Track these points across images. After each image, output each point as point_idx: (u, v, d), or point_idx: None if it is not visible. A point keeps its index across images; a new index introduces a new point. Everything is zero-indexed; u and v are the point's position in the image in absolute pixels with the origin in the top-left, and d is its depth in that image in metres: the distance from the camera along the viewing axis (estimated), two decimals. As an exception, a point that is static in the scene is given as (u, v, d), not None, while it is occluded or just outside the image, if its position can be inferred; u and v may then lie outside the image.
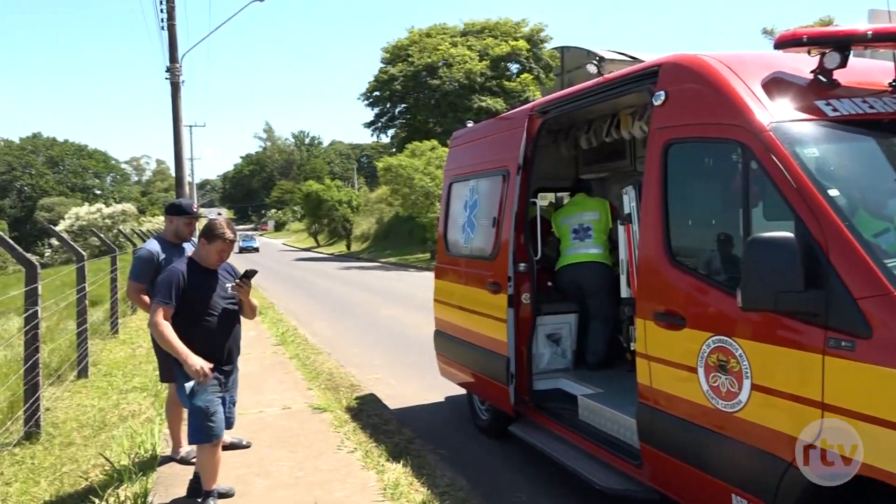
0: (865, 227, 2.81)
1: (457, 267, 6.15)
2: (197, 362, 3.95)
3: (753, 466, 2.98)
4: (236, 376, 4.39)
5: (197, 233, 4.85)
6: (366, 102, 42.77)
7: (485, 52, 38.93)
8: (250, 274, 4.23)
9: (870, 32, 3.21)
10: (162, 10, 17.89)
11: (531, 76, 38.48)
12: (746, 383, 3.01)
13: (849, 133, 3.18)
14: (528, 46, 39.26)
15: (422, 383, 7.78)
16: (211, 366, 4.01)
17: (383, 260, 34.96)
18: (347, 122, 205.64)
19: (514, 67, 40.02)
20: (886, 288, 2.54)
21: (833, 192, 2.86)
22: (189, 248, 5.07)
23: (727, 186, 3.40)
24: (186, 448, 5.07)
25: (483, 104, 36.38)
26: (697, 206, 3.71)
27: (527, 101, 31.05)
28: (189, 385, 4.03)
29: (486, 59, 38.60)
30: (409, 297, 16.87)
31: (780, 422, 2.86)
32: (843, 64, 3.20)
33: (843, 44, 3.19)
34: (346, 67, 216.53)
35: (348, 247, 49.53)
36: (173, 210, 5.11)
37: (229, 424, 4.35)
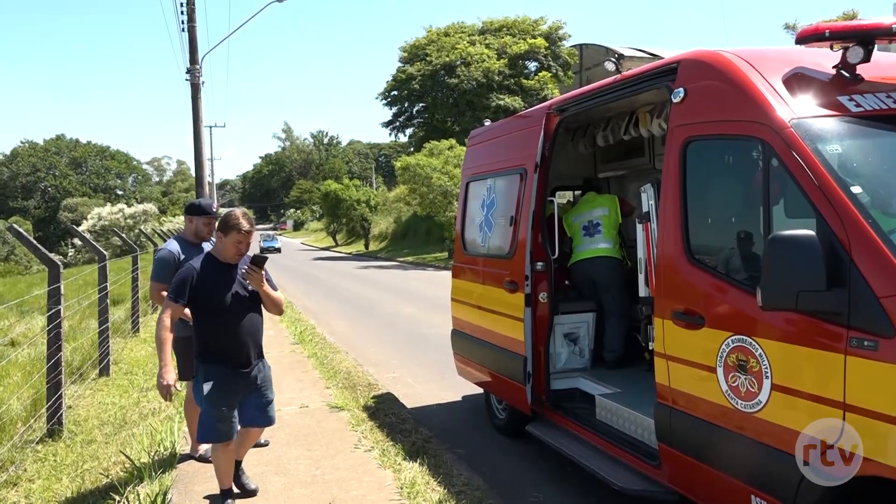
0: (889, 224, 2.76)
1: (474, 266, 6.14)
2: (168, 378, 3.85)
3: (773, 467, 2.94)
4: (265, 375, 4.24)
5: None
6: (384, 102, 42.92)
7: (503, 51, 38.84)
8: (259, 260, 3.98)
9: (895, 26, 3.15)
10: (182, 13, 18.06)
11: (549, 74, 38.34)
12: (766, 383, 2.97)
13: (872, 129, 3.11)
14: (547, 44, 39.12)
15: (439, 382, 7.78)
16: (177, 388, 3.87)
17: (401, 259, 35.02)
18: (366, 122, 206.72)
19: (532, 65, 39.91)
20: (911, 287, 2.48)
21: (856, 189, 2.81)
22: (208, 248, 5.12)
23: (747, 184, 3.35)
24: (206, 446, 5.11)
25: (501, 103, 36.33)
26: (717, 204, 3.66)
27: (545, 99, 30.96)
28: (207, 386, 3.98)
29: (504, 57, 38.52)
30: (426, 296, 16.88)
31: (800, 422, 2.81)
32: (866, 58, 3.14)
33: (867, 38, 3.13)
34: (364, 67, 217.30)
35: (366, 246, 49.70)
36: (193, 210, 5.14)
37: (269, 422, 4.29)
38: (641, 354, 5.15)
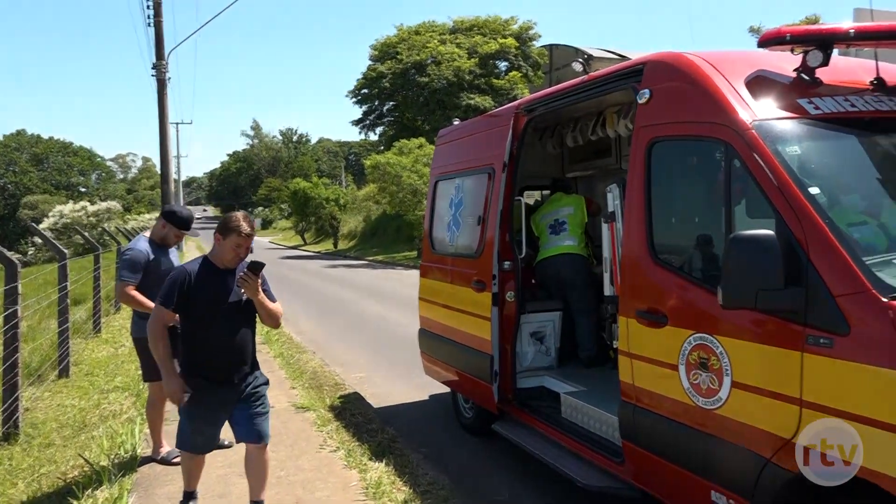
0: (845, 225, 2.82)
1: (442, 265, 6.13)
2: (173, 385, 3.65)
3: (732, 463, 2.98)
4: (257, 387, 3.93)
5: (182, 242, 4.79)
6: (354, 100, 42.62)
7: (473, 50, 38.88)
8: (256, 267, 3.74)
9: (852, 31, 3.22)
10: (148, 7, 17.76)
11: (520, 74, 38.47)
12: (727, 381, 3.01)
13: (830, 131, 3.18)
14: (517, 44, 39.26)
15: (407, 382, 7.75)
16: (189, 393, 3.65)
17: (370, 258, 34.85)
18: (335, 120, 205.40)
19: (502, 65, 39.99)
20: (864, 286, 2.55)
21: (814, 190, 2.87)
22: (174, 253, 5.07)
23: (710, 185, 3.40)
24: (167, 448, 5.03)
25: (471, 102, 36.34)
26: (680, 205, 3.71)
27: (515, 98, 31.06)
28: (185, 397, 3.78)
29: (475, 56, 38.55)
30: (395, 295, 16.82)
31: (759, 419, 2.86)
32: (825, 62, 3.20)
33: (826, 42, 3.20)
34: (334, 65, 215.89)
35: (335, 245, 49.33)
36: (172, 219, 4.95)
37: (259, 438, 3.95)
38: (607, 353, 5.20)
